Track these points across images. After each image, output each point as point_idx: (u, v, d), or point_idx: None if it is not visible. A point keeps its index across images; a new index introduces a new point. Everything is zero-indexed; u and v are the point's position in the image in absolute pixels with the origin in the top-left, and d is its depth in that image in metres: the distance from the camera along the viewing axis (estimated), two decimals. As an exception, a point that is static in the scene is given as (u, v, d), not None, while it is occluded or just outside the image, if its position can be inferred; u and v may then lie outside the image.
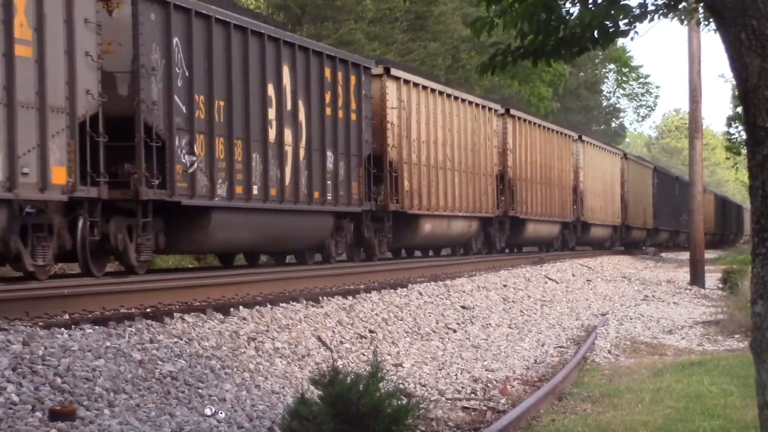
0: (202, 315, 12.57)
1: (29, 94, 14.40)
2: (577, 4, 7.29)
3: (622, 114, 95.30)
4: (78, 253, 15.78)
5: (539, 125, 39.63)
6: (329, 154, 23.39)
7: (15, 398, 8.44)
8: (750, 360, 6.85)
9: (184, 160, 18.27)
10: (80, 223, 15.65)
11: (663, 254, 56.54)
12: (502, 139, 35.04)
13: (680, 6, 7.79)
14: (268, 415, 9.72)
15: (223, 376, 10.75)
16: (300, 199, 21.96)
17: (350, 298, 16.37)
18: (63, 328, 10.39)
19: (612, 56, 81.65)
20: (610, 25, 7.28)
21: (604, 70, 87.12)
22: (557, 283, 27.95)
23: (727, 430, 10.05)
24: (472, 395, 12.30)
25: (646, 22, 7.40)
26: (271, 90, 21.08)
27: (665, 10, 7.46)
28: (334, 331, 14.21)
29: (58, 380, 8.99)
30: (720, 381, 13.10)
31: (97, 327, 10.79)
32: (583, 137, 45.27)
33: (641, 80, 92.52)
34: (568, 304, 24.48)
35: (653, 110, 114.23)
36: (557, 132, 41.78)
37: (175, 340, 11.24)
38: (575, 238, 44.18)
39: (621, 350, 17.52)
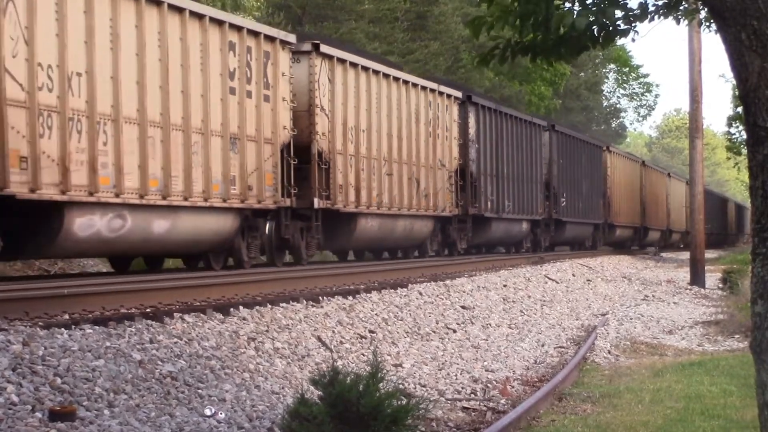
0: (202, 315, 12.57)
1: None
2: (576, 3, 7.28)
3: (622, 114, 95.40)
4: None
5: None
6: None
7: (15, 398, 8.44)
8: (750, 360, 6.84)
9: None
10: None
11: (663, 254, 56.61)
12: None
13: (681, 6, 7.78)
14: (268, 416, 9.71)
15: (223, 376, 10.75)
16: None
17: (350, 298, 16.36)
18: (63, 328, 10.39)
19: (612, 56, 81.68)
20: (609, 24, 7.26)
21: (604, 70, 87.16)
22: (557, 283, 27.94)
23: (727, 430, 10.05)
24: (472, 395, 12.30)
25: (646, 22, 7.39)
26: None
27: (665, 11, 7.45)
28: (334, 331, 14.21)
29: (58, 380, 8.98)
30: (720, 381, 13.11)
31: (97, 327, 10.79)
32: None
33: (641, 80, 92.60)
34: (568, 304, 24.48)
35: (653, 109, 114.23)
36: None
37: (175, 340, 11.23)
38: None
39: (621, 350, 17.51)
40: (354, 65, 24.65)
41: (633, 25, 7.33)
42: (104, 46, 16.54)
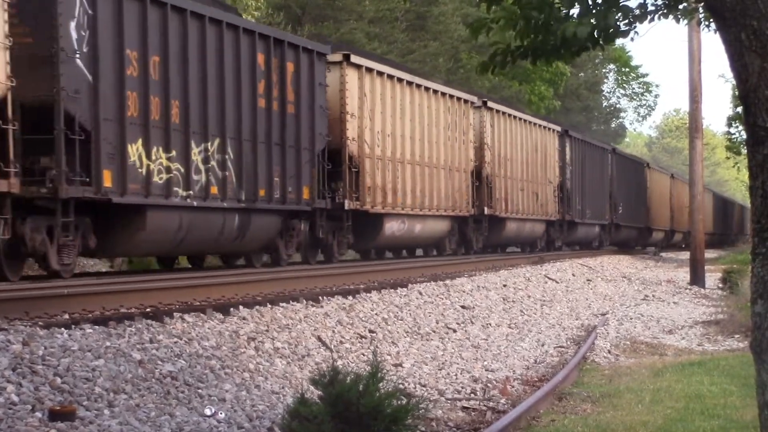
0: (202, 315, 12.57)
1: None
2: (576, 6, 7.27)
3: (622, 114, 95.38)
4: None
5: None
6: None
7: (15, 398, 8.44)
8: (750, 360, 6.85)
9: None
10: None
11: (663, 254, 56.67)
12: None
13: (680, 6, 7.77)
14: (268, 415, 9.72)
15: (223, 376, 10.75)
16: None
17: (350, 297, 16.36)
18: (63, 328, 10.39)
19: (612, 56, 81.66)
20: (610, 26, 7.26)
21: (604, 70, 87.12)
22: (557, 282, 27.95)
23: (727, 430, 10.05)
24: (472, 395, 12.30)
25: (646, 22, 7.39)
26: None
27: (665, 11, 7.45)
28: (334, 331, 14.21)
29: (58, 380, 8.98)
30: (720, 381, 13.10)
31: (97, 327, 10.79)
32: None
33: (641, 80, 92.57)
34: (568, 304, 24.48)
35: (653, 110, 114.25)
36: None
37: (175, 340, 11.24)
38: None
39: (621, 350, 17.52)
40: (504, 113, 35.36)
41: (633, 26, 7.33)
42: (397, 117, 26.97)
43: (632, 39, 7.52)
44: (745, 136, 7.30)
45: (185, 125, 18.46)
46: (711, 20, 9.01)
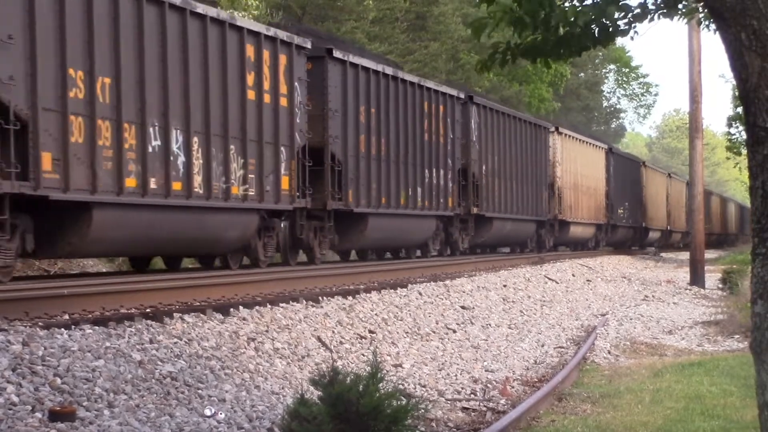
0: (202, 315, 12.57)
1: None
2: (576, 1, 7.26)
3: (622, 114, 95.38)
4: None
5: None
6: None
7: (15, 399, 8.44)
8: (750, 360, 6.85)
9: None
10: None
11: (663, 254, 56.72)
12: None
13: (680, 6, 7.77)
14: (268, 416, 9.71)
15: (222, 376, 10.75)
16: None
17: (350, 298, 16.36)
18: (63, 329, 10.38)
19: (612, 56, 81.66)
20: (610, 24, 7.25)
21: (604, 71, 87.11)
22: (557, 283, 27.94)
23: (727, 431, 10.05)
24: (472, 396, 12.30)
25: (646, 21, 7.39)
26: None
27: (665, 10, 7.44)
28: (333, 332, 14.21)
29: (58, 381, 8.98)
30: (720, 381, 13.11)
31: (97, 327, 10.79)
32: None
33: (641, 80, 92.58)
34: (568, 305, 24.48)
35: (652, 107, 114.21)
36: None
37: (175, 340, 11.23)
38: None
39: (621, 350, 17.52)
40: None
41: (633, 25, 7.33)
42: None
43: (632, 38, 7.51)
44: (745, 136, 7.29)
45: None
46: (711, 20, 9.00)
